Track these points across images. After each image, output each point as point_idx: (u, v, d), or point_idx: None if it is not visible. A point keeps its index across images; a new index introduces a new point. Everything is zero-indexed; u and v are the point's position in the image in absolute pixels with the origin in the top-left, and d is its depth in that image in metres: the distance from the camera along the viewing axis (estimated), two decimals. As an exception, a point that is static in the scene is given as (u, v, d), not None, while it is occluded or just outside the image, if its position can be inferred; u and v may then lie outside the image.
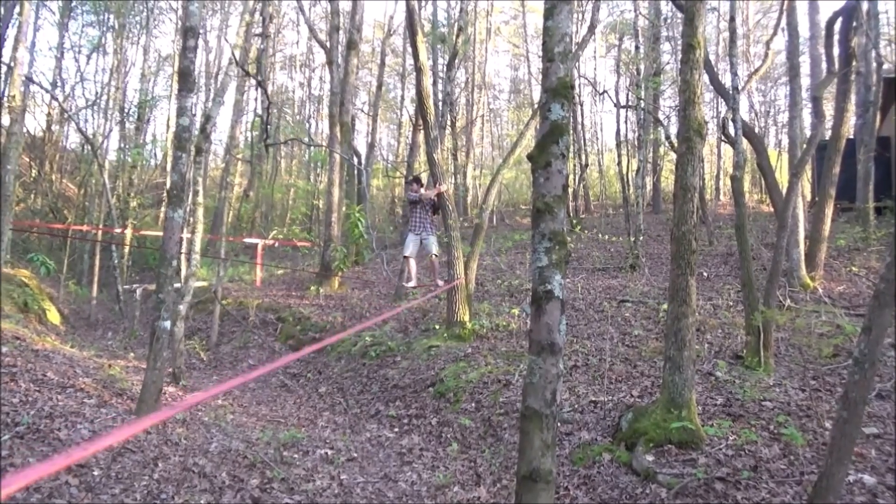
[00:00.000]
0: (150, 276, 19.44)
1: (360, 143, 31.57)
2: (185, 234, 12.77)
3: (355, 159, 20.70)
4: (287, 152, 34.52)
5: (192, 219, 10.99)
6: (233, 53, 12.07)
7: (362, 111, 32.25)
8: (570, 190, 22.66)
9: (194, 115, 12.64)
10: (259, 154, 23.33)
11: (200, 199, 11.01)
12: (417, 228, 8.70)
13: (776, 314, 7.98)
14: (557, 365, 3.43)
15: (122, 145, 23.98)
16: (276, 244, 21.40)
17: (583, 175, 24.17)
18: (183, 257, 12.34)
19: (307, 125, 33.25)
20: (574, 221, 20.03)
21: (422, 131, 12.20)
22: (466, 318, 10.33)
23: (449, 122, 22.30)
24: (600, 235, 17.57)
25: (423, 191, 8.75)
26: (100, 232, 19.06)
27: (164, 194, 20.81)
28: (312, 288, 15.53)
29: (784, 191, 9.57)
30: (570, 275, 13.57)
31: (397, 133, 35.29)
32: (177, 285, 9.90)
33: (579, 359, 8.43)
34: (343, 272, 16.15)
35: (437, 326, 10.82)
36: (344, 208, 17.16)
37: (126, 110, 24.08)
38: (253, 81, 16.53)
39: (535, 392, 3.41)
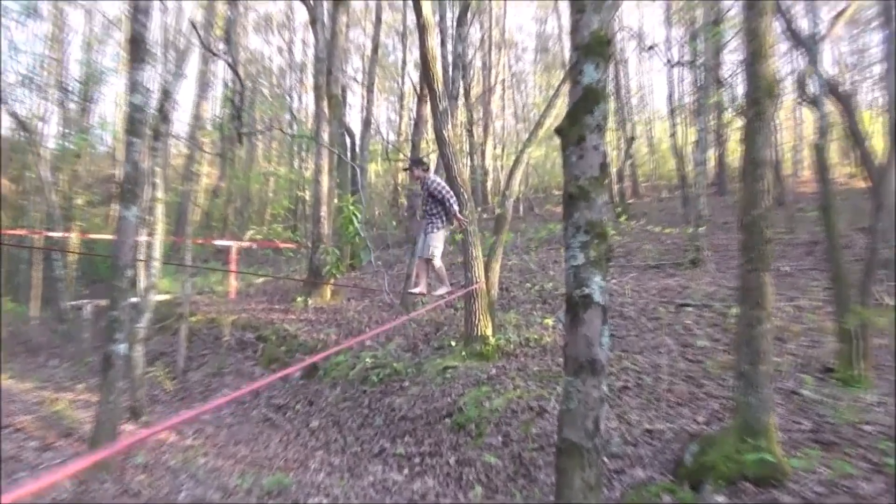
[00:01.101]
0: (102, 290, 19.19)
1: (354, 120, 31.66)
2: (143, 237, 12.51)
3: (347, 140, 20.66)
4: (265, 133, 34.66)
5: (150, 218, 11.08)
6: (193, 26, 12.06)
7: (355, 80, 32.40)
8: (613, 169, 22.53)
9: (150, 91, 12.67)
10: (230, 137, 23.24)
11: (160, 193, 11.12)
12: (423, 223, 8.56)
13: (875, 315, 7.81)
14: (600, 387, 3.42)
15: (64, 130, 24.16)
16: (255, 246, 21.47)
17: (629, 150, 24.03)
18: (140, 265, 12.40)
19: (288, 99, 33.37)
20: (619, 209, 19.90)
21: (428, 103, 12.09)
22: (489, 331, 10.31)
23: (462, 91, 22.12)
24: (652, 225, 17.40)
25: (430, 176, 8.46)
26: (40, 237, 19.19)
27: (116, 189, 20.88)
28: (299, 299, 15.54)
29: (882, 161, 9.42)
30: (617, 274, 13.55)
31: (398, 106, 35.33)
32: (133, 300, 9.89)
33: (630, 378, 8.38)
34: (336, 279, 16.07)
35: (454, 343, 10.81)
36: (336, 200, 17.01)
37: (67, 87, 24.23)
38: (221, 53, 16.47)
39: (574, 421, 3.40)
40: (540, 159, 29.18)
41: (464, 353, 10.17)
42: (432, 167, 12.40)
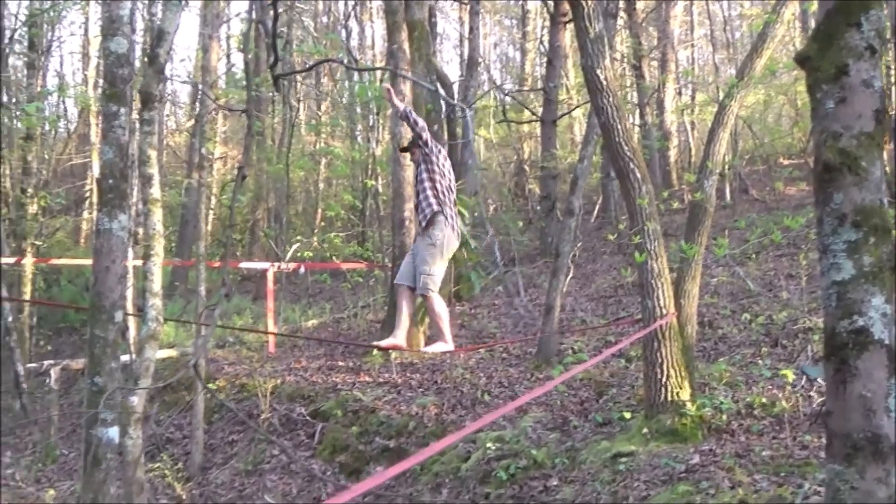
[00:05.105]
0: (74, 345, 18.26)
1: (451, 61, 27.99)
2: (133, 261, 12.01)
3: (440, 90, 16.91)
4: (309, 90, 29.37)
5: (142, 231, 10.12)
6: None
7: (449, -2, 27.35)
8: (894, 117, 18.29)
9: (135, 32, 12.05)
10: (258, 97, 19.21)
11: (156, 190, 9.51)
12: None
13: None
14: (889, 479, 3.02)
15: (5, 99, 21.01)
16: (303, 270, 19.02)
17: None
18: (130, 305, 11.38)
19: (342, 31, 28.03)
20: (898, 182, 16.38)
21: (569, 26, 11.35)
22: (685, 394, 9.10)
23: (622, 3, 18.52)
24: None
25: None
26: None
27: (91, 188, 19.13)
28: (376, 352, 13.51)
29: None
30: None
31: (519, 33, 30.28)
32: (124, 358, 9.47)
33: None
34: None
35: (628, 415, 9.75)
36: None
37: (10, 32, 21.22)
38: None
39: (847, 541, 2.96)
40: (756, 109, 24.09)
41: (646, 430, 9.14)
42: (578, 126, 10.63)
